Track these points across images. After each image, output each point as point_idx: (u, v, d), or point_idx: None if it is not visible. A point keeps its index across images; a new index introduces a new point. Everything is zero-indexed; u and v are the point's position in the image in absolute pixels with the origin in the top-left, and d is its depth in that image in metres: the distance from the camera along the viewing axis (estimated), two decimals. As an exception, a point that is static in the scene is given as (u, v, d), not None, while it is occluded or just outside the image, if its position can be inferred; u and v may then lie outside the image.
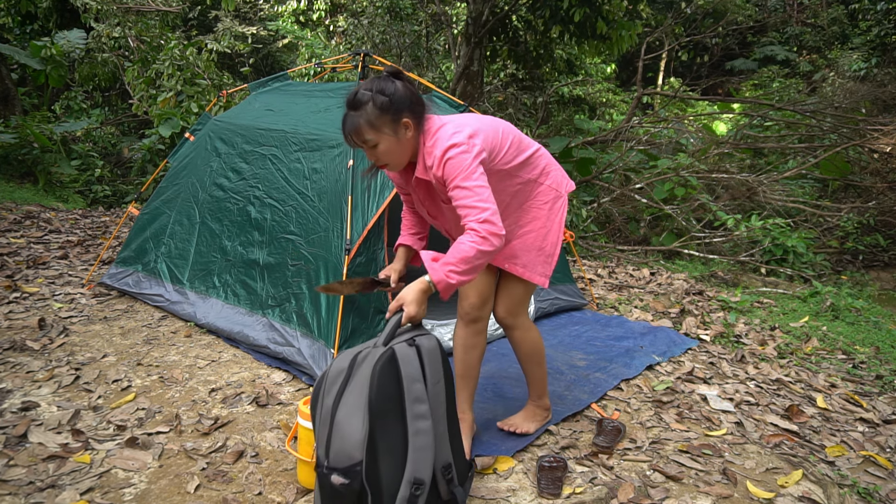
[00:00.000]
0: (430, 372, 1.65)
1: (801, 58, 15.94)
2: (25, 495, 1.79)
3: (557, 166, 2.16)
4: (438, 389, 1.67)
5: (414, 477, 1.56)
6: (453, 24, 10.78)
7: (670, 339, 3.49)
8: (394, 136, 1.78)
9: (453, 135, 1.78)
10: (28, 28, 9.60)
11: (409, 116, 1.78)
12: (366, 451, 1.51)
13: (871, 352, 3.67)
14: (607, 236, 7.09)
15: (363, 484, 1.50)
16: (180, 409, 2.37)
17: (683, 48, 15.51)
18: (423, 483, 1.57)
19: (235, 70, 11.79)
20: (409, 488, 1.54)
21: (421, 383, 1.61)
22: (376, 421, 1.52)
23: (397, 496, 1.53)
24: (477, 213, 1.71)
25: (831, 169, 7.54)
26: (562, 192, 2.12)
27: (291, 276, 2.86)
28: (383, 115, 1.75)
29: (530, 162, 2.04)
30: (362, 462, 1.50)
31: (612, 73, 15.05)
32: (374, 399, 1.53)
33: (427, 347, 1.67)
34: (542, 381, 2.32)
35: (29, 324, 3.10)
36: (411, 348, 1.64)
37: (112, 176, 7.75)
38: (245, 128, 3.44)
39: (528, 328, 2.21)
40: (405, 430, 1.58)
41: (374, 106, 1.75)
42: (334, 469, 1.51)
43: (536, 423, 2.33)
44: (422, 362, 1.64)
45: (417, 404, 1.59)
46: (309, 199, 2.94)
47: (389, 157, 1.82)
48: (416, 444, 1.57)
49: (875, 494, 2.12)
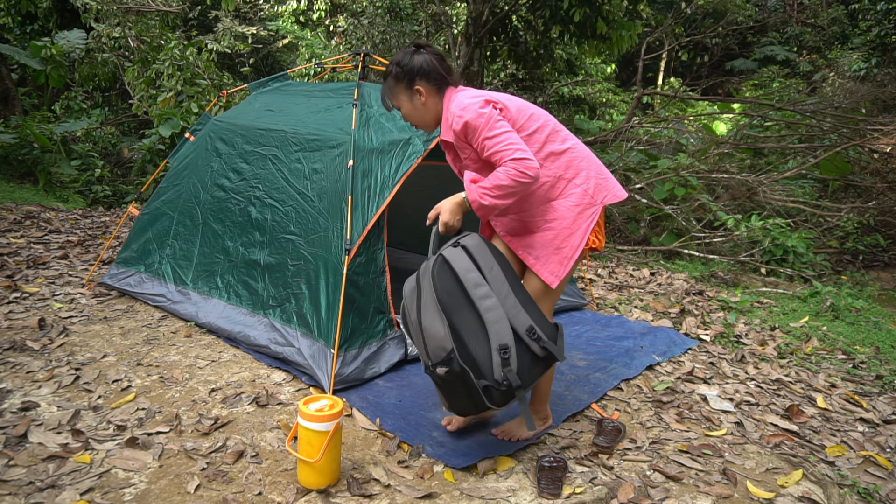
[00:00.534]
0: (483, 261, 1.94)
1: (801, 58, 15.94)
2: (25, 495, 1.79)
3: (604, 175, 2.12)
4: (496, 273, 1.94)
5: (499, 344, 1.85)
6: (453, 24, 10.78)
7: (670, 339, 3.49)
8: (409, 102, 2.10)
9: (472, 97, 1.99)
10: (28, 28, 9.60)
11: (422, 84, 2.05)
12: (453, 340, 1.84)
13: (871, 352, 3.66)
14: (607, 236, 7.09)
15: (461, 366, 1.83)
16: (180, 409, 2.37)
17: (683, 48, 15.51)
18: (509, 347, 1.86)
19: (235, 70, 11.79)
20: (498, 354, 1.85)
21: (475, 272, 1.91)
22: (451, 314, 1.86)
23: (493, 362, 1.84)
24: (510, 153, 1.89)
25: (831, 169, 7.53)
26: (596, 202, 2.08)
27: (291, 277, 2.86)
28: (398, 84, 2.08)
29: (560, 157, 2.06)
30: (454, 349, 1.84)
31: (612, 73, 15.06)
32: (441, 297, 1.87)
33: (472, 244, 1.97)
34: (546, 389, 2.28)
35: (29, 324, 3.10)
36: (457, 248, 1.95)
37: (112, 176, 7.75)
38: (245, 128, 3.44)
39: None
40: (477, 312, 1.88)
41: (391, 76, 2.09)
42: (437, 364, 1.85)
43: (531, 432, 2.24)
44: (471, 256, 1.94)
45: (478, 288, 1.89)
46: (309, 200, 2.94)
47: (412, 118, 2.13)
48: (490, 319, 1.86)
49: (875, 494, 2.12)
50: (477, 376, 1.84)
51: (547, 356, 1.91)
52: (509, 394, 1.86)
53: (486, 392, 1.86)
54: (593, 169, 2.11)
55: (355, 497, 1.89)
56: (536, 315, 1.94)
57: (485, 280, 1.91)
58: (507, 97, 2.08)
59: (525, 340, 1.89)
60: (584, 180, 2.07)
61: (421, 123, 2.14)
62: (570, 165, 2.07)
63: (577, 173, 2.07)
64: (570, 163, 2.07)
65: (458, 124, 1.97)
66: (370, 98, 3.23)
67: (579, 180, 2.06)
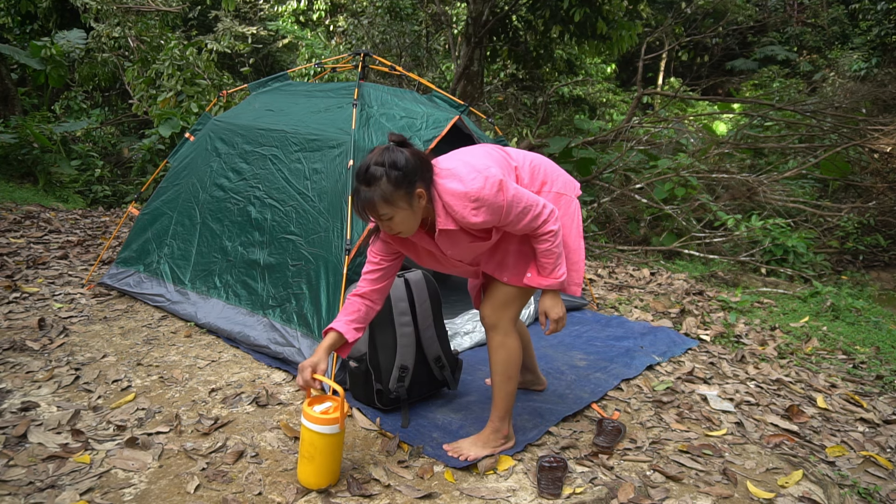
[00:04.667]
0: (418, 295, 2.38)
1: (801, 58, 15.93)
2: (25, 495, 1.79)
3: (559, 171, 2.15)
4: (425, 307, 2.40)
5: (401, 363, 2.33)
6: (453, 24, 10.78)
7: (670, 339, 3.48)
8: (409, 209, 1.78)
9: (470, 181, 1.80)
10: (28, 28, 9.60)
11: (421, 185, 1.78)
12: (368, 346, 2.37)
13: (872, 352, 3.66)
14: (607, 236, 7.08)
15: (367, 366, 2.36)
16: (180, 409, 2.37)
17: (683, 48, 15.49)
18: (407, 368, 2.34)
19: (235, 70, 11.79)
20: (397, 371, 2.33)
21: (405, 302, 2.35)
22: (375, 326, 2.33)
23: (391, 376, 2.33)
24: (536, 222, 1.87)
25: (831, 169, 7.53)
26: (566, 193, 2.11)
27: (292, 277, 2.86)
28: (398, 190, 1.74)
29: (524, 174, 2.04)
30: (366, 353, 2.38)
31: (612, 73, 15.05)
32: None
33: (413, 279, 2.40)
34: (507, 401, 2.09)
35: (29, 324, 3.09)
36: (399, 279, 2.36)
37: (112, 176, 7.74)
38: (245, 128, 3.44)
39: (508, 335, 2.06)
40: (395, 333, 2.33)
41: (389, 181, 1.72)
42: (351, 358, 2.40)
43: (488, 449, 2.10)
44: (409, 289, 2.37)
45: (402, 316, 2.34)
46: (309, 200, 2.94)
47: (404, 226, 1.82)
48: (402, 343, 2.34)
49: (875, 495, 2.12)
50: (376, 379, 2.33)
51: (442, 380, 2.46)
52: (395, 402, 2.34)
53: (378, 394, 2.33)
54: (553, 168, 2.15)
55: (355, 497, 1.89)
56: (447, 348, 2.47)
57: (411, 311, 2.35)
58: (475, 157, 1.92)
59: (431, 365, 2.41)
60: (562, 185, 2.12)
61: (408, 230, 1.85)
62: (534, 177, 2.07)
63: (553, 182, 2.11)
64: (532, 174, 2.07)
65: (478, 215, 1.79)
66: (370, 98, 3.22)
67: (558, 186, 2.11)
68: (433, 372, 2.44)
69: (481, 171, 1.82)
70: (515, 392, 2.13)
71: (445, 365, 2.44)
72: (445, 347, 2.48)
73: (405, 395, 2.35)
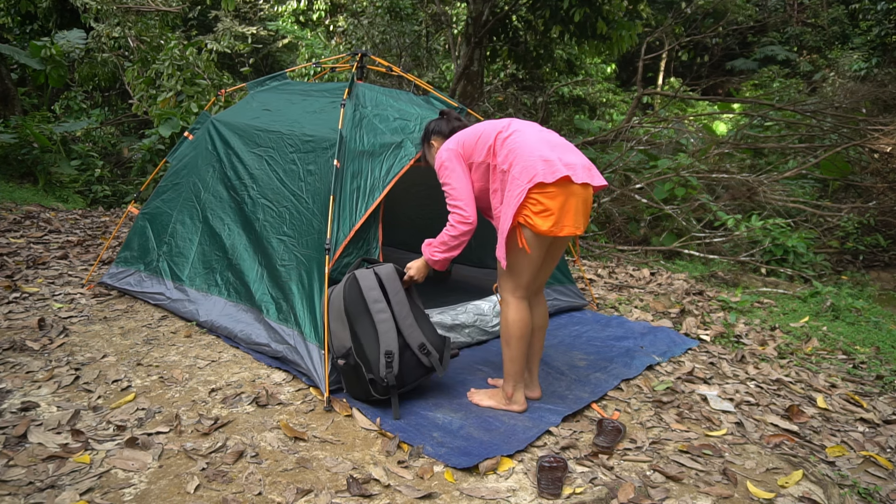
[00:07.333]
0: (390, 288, 2.48)
1: (801, 58, 15.94)
2: (25, 495, 1.79)
3: (533, 158, 2.18)
4: (400, 297, 2.49)
5: (385, 350, 2.39)
6: (453, 24, 10.79)
7: (670, 339, 3.48)
8: (428, 152, 2.68)
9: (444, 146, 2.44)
10: (28, 28, 9.60)
11: (436, 140, 2.61)
12: (351, 340, 2.43)
13: (872, 352, 3.66)
14: (607, 236, 7.08)
15: (356, 360, 2.39)
16: (180, 409, 2.37)
17: (683, 48, 15.50)
18: (392, 353, 2.39)
19: (235, 70, 11.80)
20: (383, 357, 2.39)
21: (377, 290, 2.45)
22: (353, 320, 2.44)
23: (380, 364, 2.37)
24: (450, 206, 2.36)
25: (831, 169, 7.53)
26: (523, 184, 2.16)
27: (285, 277, 2.85)
28: (422, 142, 2.71)
29: (495, 152, 2.30)
30: (351, 347, 2.42)
31: (612, 73, 15.05)
32: (347, 306, 2.45)
33: (383, 271, 2.52)
34: (508, 365, 2.40)
35: (29, 324, 3.09)
36: (368, 270, 2.52)
37: (112, 176, 7.74)
38: (242, 128, 3.44)
39: (506, 304, 2.37)
40: (373, 321, 2.43)
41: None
42: (338, 357, 2.44)
43: (492, 402, 2.48)
44: (380, 280, 2.48)
45: (376, 303, 2.44)
46: (303, 201, 2.93)
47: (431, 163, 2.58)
48: (381, 330, 2.42)
49: (875, 495, 2.11)
50: (367, 370, 2.37)
51: (430, 367, 2.47)
52: (388, 389, 2.39)
53: (371, 383, 2.37)
54: (526, 154, 2.21)
55: (355, 497, 1.89)
56: (429, 333, 2.52)
57: (385, 299, 2.45)
58: (466, 133, 2.43)
59: (416, 353, 2.44)
60: (520, 171, 2.19)
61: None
62: (506, 159, 2.25)
63: (513, 164, 2.22)
64: (506, 156, 2.25)
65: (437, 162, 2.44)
66: (364, 98, 3.21)
67: (515, 171, 2.20)
68: (420, 359, 2.47)
69: (459, 136, 2.42)
70: (517, 359, 2.39)
71: (431, 351, 2.46)
72: (428, 333, 2.50)
73: (394, 382, 2.37)
